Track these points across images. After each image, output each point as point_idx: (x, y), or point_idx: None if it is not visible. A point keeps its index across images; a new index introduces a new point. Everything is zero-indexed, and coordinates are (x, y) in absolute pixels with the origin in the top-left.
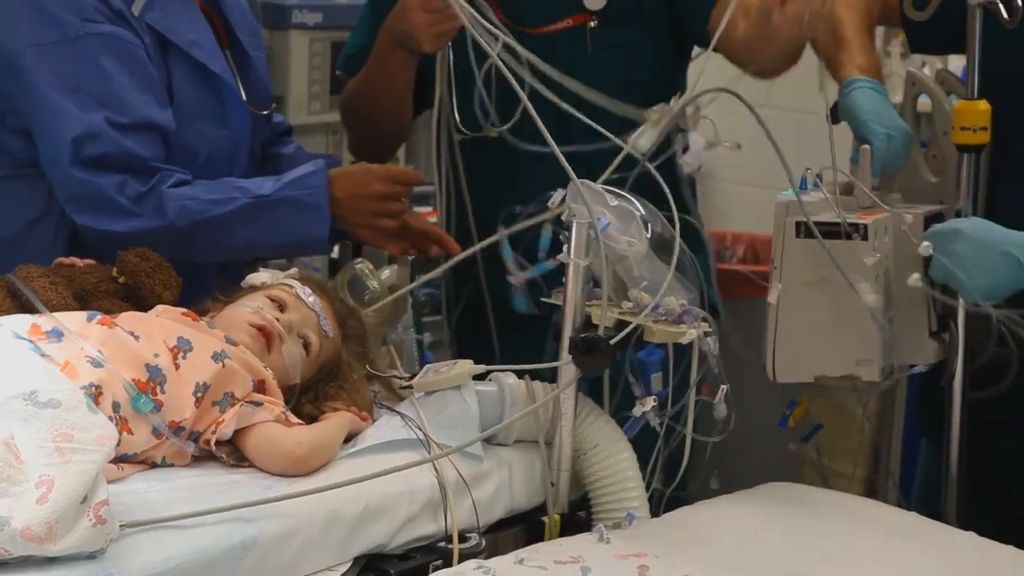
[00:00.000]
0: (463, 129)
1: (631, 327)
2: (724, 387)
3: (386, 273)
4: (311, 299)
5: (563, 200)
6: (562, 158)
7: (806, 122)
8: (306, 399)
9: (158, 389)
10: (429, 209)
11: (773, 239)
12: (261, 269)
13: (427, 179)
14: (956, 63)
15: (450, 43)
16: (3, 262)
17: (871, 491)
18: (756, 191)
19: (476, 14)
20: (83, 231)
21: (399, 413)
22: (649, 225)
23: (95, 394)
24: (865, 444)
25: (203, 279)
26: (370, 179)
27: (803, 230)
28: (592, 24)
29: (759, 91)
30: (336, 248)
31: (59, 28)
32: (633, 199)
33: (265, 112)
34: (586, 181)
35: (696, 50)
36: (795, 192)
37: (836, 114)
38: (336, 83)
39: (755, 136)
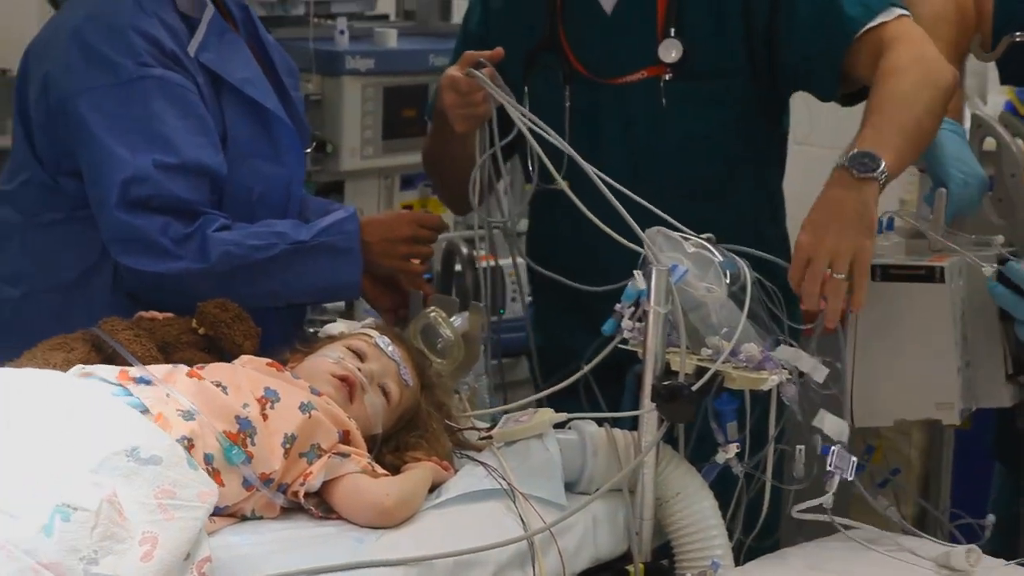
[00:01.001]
0: (538, 181)
1: (712, 373)
2: (800, 448)
3: (458, 321)
4: (390, 348)
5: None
6: (626, 215)
7: None
8: (387, 449)
9: (248, 441)
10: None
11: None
12: (339, 320)
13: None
14: (995, 99)
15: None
16: (63, 307)
17: (921, 524)
18: None
19: (503, 95)
20: (125, 272)
21: (481, 463)
22: (728, 271)
23: (187, 446)
24: (915, 477)
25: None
26: (399, 224)
27: (879, 273)
28: (666, 77)
29: (829, 133)
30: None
31: (112, 72)
32: (710, 246)
33: (307, 151)
34: (663, 229)
35: None
36: None
37: None
38: (388, 128)
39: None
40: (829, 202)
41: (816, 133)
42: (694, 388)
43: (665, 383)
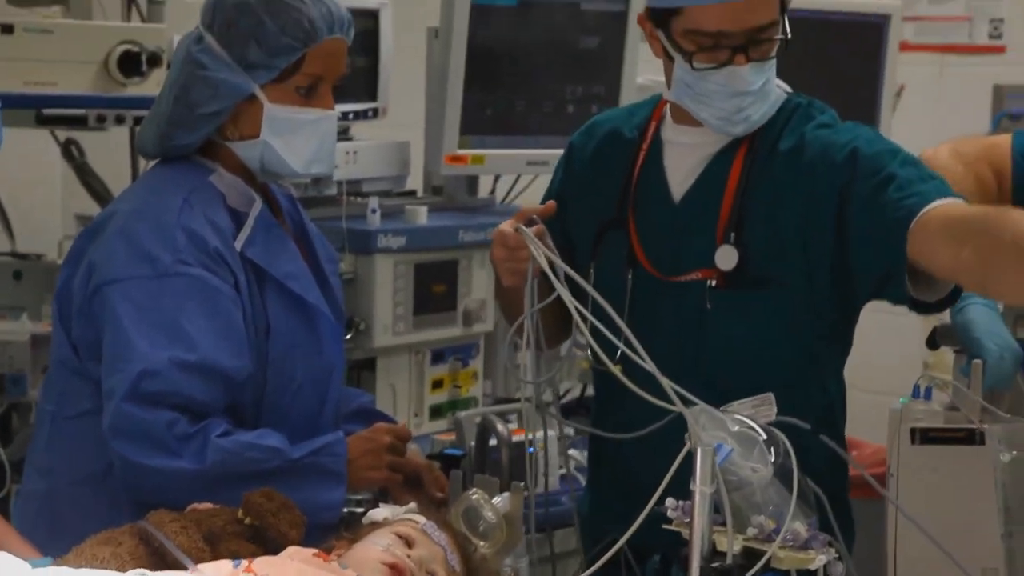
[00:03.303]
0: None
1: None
2: None
3: (500, 502)
4: (436, 534)
5: None
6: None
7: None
8: None
9: None
10: (515, 427)
11: (888, 446)
12: (381, 505)
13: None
14: None
15: None
16: (88, 500)
17: None
18: (861, 395)
19: (549, 255)
20: (118, 463)
21: None
22: (773, 449)
23: None
24: None
25: None
26: (378, 433)
27: (918, 437)
28: (712, 283)
29: None
30: None
31: (151, 265)
32: (755, 424)
33: (347, 338)
34: (706, 407)
35: None
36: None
37: (935, 339)
38: (419, 304)
39: (858, 338)
40: None
41: None
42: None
43: (713, 565)
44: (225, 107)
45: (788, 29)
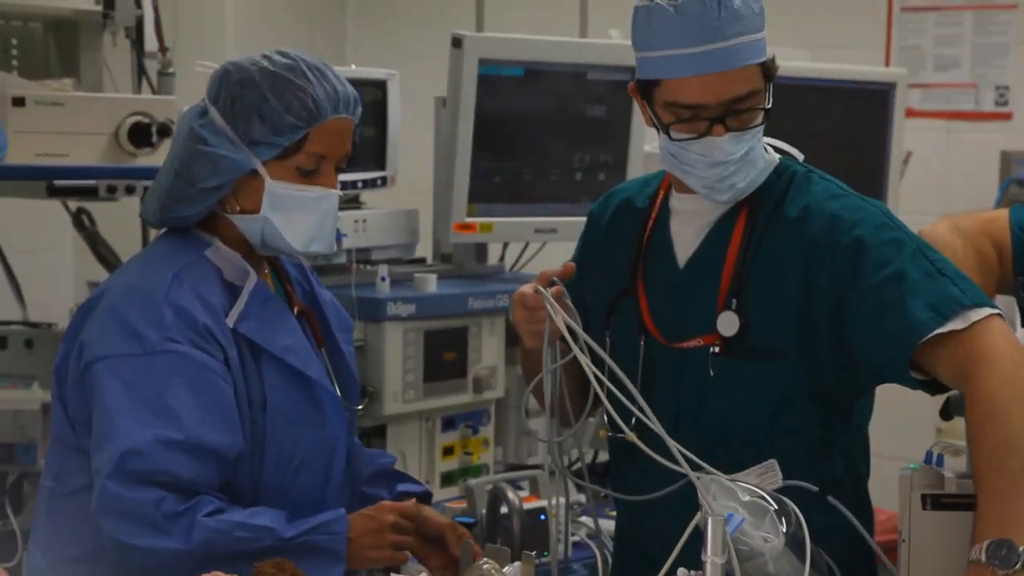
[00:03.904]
0: (607, 427)
1: None
2: None
3: (510, 572)
4: None
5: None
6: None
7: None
8: None
9: None
10: (526, 494)
11: (900, 512)
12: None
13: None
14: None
15: None
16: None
17: None
18: (877, 460)
19: (566, 317)
20: (107, 544)
21: None
22: (784, 519)
23: None
24: None
25: None
26: (382, 512)
27: (929, 502)
28: (715, 350)
29: None
30: None
31: (139, 342)
32: (766, 494)
33: (359, 408)
34: (716, 476)
35: None
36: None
37: (949, 410)
38: (429, 371)
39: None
40: None
41: None
42: None
43: None
44: (226, 182)
45: (770, 97)
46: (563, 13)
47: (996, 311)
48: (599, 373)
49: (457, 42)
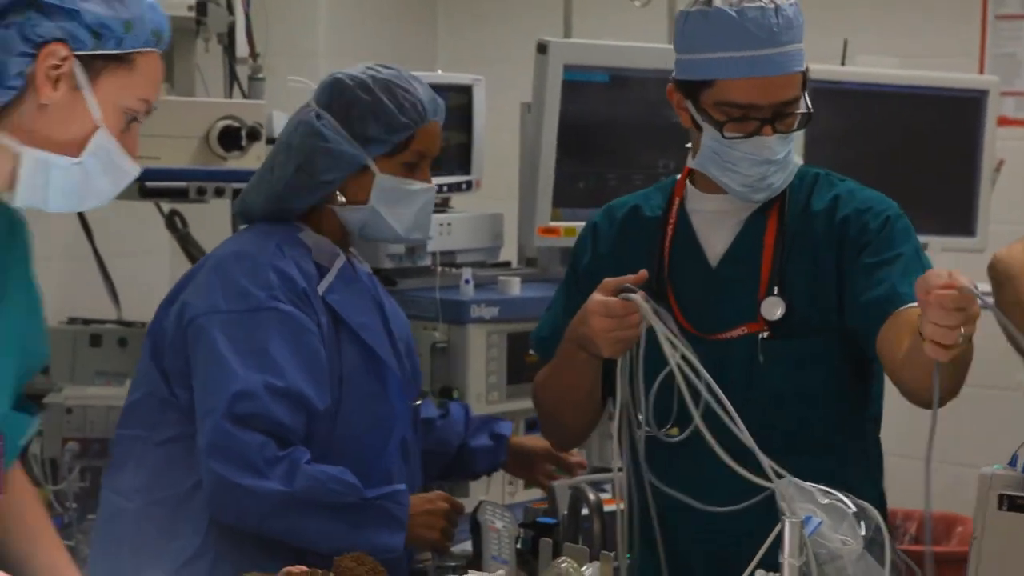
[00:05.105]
0: (646, 427)
1: None
2: None
3: (588, 571)
4: None
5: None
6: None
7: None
8: None
9: None
10: (608, 496)
11: (975, 511)
12: (470, 572)
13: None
14: None
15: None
16: (170, 520)
17: None
18: (957, 469)
19: (661, 323)
20: (208, 479)
21: None
22: (863, 522)
23: None
24: None
25: None
26: (437, 499)
27: (1006, 503)
28: (764, 335)
29: None
30: None
31: (245, 300)
32: (844, 497)
33: (417, 403)
34: (794, 479)
35: None
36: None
37: None
38: (512, 374)
39: (953, 412)
40: None
41: None
42: None
43: None
44: (340, 176)
45: (810, 105)
46: (651, 19)
47: None
48: (706, 375)
49: (542, 48)
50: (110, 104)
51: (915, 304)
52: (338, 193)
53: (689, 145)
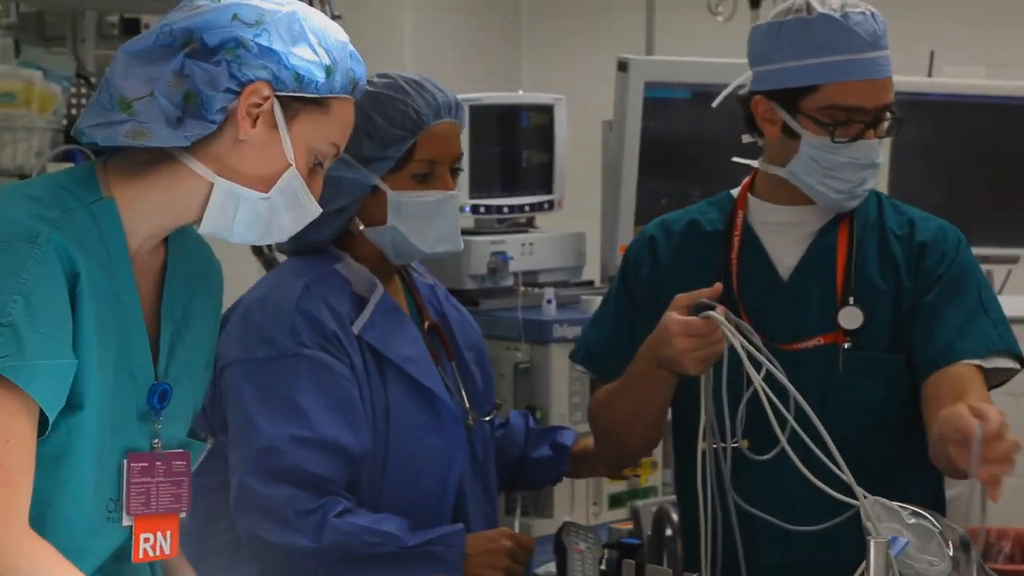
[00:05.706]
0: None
1: None
2: None
3: None
4: None
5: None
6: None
7: None
8: None
9: None
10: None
11: None
12: None
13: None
14: None
15: None
16: (224, 567)
17: None
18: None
19: (742, 338)
20: (241, 532)
21: None
22: (950, 542)
23: None
24: None
25: None
26: (500, 536)
27: None
28: (846, 345)
29: None
30: None
31: (271, 347)
32: (930, 516)
33: (487, 418)
34: (881, 499)
35: None
36: None
37: None
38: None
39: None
40: None
41: None
42: None
43: None
44: (350, 202)
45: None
46: (734, 34)
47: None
48: (795, 393)
49: (623, 66)
50: (302, 145)
51: (966, 361)
52: (356, 219)
53: (737, 159)
